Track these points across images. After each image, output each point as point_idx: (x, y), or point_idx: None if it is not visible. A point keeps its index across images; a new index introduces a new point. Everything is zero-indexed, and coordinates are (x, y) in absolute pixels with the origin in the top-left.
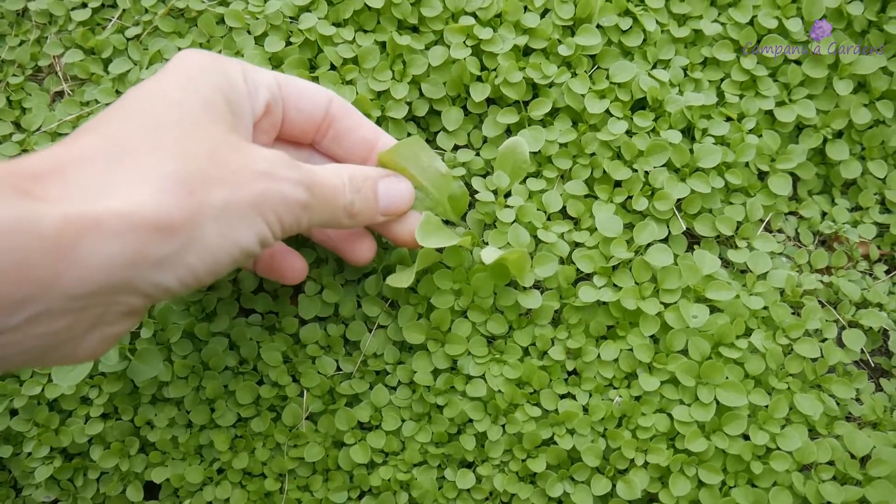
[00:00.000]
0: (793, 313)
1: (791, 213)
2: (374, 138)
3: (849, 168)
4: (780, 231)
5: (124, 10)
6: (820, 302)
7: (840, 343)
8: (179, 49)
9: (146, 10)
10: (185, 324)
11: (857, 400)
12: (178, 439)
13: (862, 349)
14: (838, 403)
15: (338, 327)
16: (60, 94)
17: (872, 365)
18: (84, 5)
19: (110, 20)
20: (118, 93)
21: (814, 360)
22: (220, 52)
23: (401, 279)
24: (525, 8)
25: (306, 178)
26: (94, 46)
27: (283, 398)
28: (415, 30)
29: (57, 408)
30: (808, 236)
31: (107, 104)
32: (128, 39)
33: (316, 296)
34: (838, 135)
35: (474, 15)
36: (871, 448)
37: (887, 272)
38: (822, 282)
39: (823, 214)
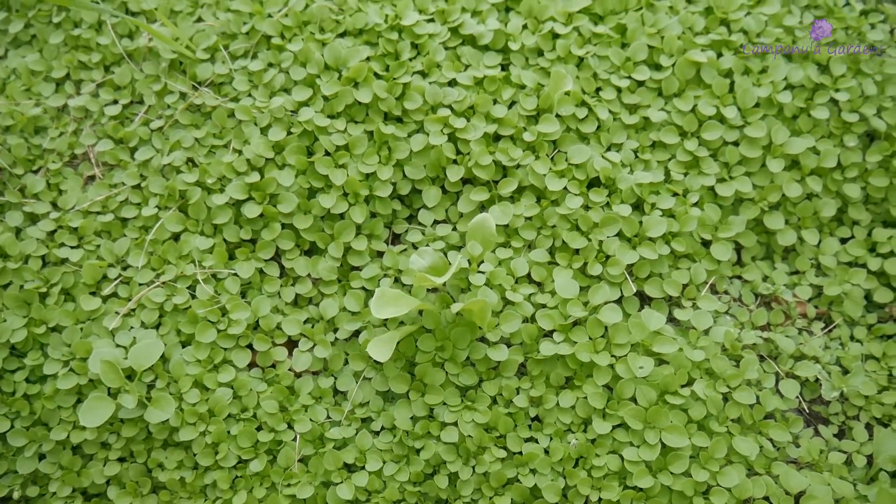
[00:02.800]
0: (735, 365)
1: (736, 276)
2: None
3: (785, 236)
4: (725, 293)
5: (150, 105)
6: (760, 356)
7: (779, 392)
8: (196, 140)
9: (168, 106)
10: (195, 374)
11: (796, 444)
12: (185, 480)
13: (802, 398)
14: (776, 447)
15: (328, 379)
16: (92, 177)
17: (811, 412)
18: (115, 102)
19: (137, 114)
20: (142, 177)
21: (751, 406)
22: (229, 142)
23: (381, 351)
24: (494, 101)
25: None
26: (123, 137)
27: (278, 442)
28: (399, 120)
29: (80, 452)
30: (751, 297)
31: (132, 186)
32: (152, 131)
33: (308, 352)
34: (775, 207)
35: (450, 107)
36: (807, 486)
37: (823, 329)
38: (761, 337)
39: (765, 278)
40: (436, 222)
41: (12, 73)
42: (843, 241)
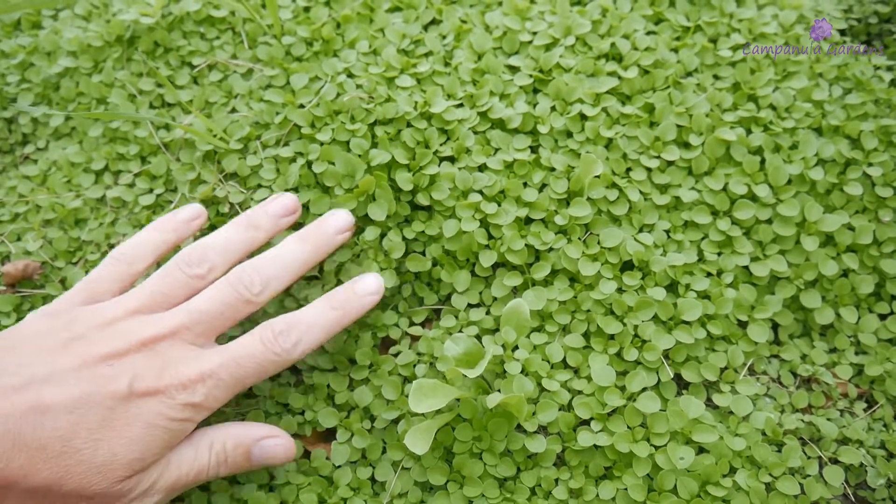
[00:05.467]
0: (776, 451)
1: (774, 356)
2: None
3: (822, 314)
4: (764, 373)
5: (182, 194)
6: (802, 439)
7: (823, 479)
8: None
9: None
10: None
11: None
12: None
13: (847, 483)
14: None
15: (366, 470)
16: None
17: (857, 497)
18: (151, 191)
19: (172, 202)
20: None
21: (796, 496)
22: None
23: (419, 444)
24: (525, 184)
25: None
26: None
27: None
28: (428, 209)
29: None
30: (789, 377)
31: None
32: None
33: (346, 443)
34: (811, 284)
35: (481, 192)
36: None
37: (865, 410)
38: (803, 421)
39: (804, 356)
40: (469, 305)
41: (53, 165)
42: (883, 317)
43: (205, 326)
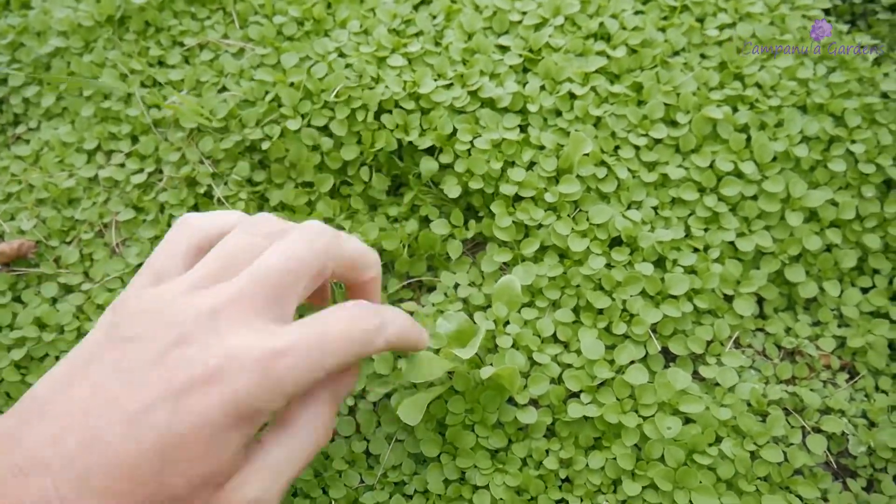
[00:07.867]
0: (760, 421)
1: (759, 329)
2: None
3: (806, 288)
4: (749, 346)
5: (170, 176)
6: (786, 409)
7: (806, 447)
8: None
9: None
10: None
11: (825, 500)
12: None
13: (829, 451)
14: (805, 503)
15: (360, 443)
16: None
17: (839, 465)
18: (141, 171)
19: (160, 181)
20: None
21: (779, 463)
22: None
23: (412, 415)
24: (514, 163)
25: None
26: (144, 206)
27: None
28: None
29: None
30: (774, 350)
31: None
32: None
33: (341, 417)
34: (795, 259)
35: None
36: None
37: (848, 380)
38: (786, 391)
39: (788, 329)
40: (457, 284)
41: (45, 146)
42: (865, 290)
43: (273, 289)
